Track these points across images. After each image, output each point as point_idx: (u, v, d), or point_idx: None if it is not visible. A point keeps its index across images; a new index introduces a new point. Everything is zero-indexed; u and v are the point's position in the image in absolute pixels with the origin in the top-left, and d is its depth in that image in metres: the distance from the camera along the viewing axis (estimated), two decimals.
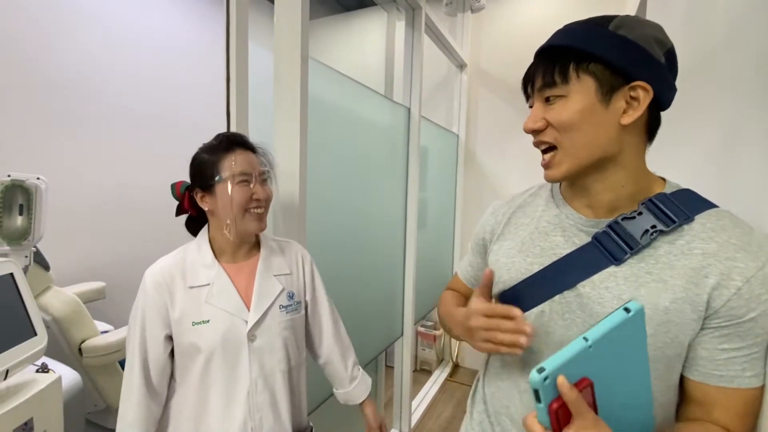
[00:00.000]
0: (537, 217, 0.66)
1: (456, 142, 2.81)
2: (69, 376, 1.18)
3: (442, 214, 2.69)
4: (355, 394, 1.02)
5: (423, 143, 2.11)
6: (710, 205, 0.54)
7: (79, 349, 1.52)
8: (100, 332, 1.62)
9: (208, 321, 0.80)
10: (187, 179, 0.87)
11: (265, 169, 0.87)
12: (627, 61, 0.50)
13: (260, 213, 0.85)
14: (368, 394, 1.03)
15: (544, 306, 0.60)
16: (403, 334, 2.13)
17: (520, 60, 0.80)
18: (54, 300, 1.51)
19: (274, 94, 1.13)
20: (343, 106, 1.47)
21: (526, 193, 0.72)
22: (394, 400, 2.27)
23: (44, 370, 0.96)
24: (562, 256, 0.59)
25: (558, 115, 0.54)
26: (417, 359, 2.98)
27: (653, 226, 0.53)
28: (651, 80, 0.51)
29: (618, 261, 0.54)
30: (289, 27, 1.10)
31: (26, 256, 1.24)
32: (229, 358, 0.81)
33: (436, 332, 2.91)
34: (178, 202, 0.89)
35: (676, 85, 0.55)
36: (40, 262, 1.50)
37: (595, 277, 0.55)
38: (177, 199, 0.89)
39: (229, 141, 0.83)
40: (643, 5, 1.74)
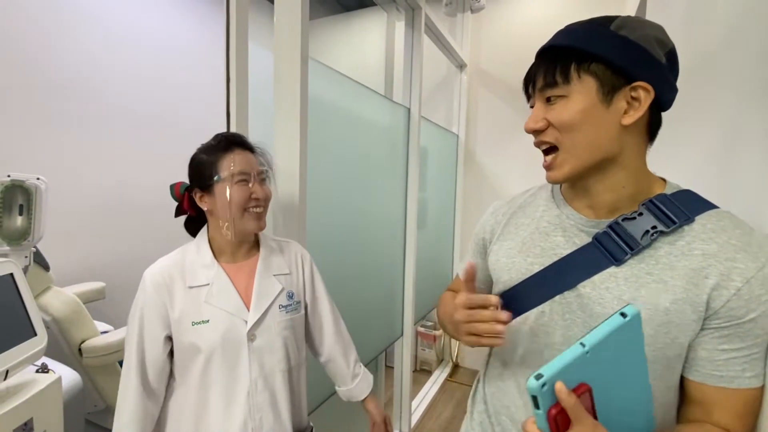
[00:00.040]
0: (537, 217, 0.66)
1: (456, 142, 2.81)
2: (69, 377, 1.18)
3: (442, 214, 2.69)
4: (358, 391, 1.02)
5: (423, 143, 2.11)
6: (710, 206, 0.54)
7: (79, 350, 1.52)
8: (100, 332, 1.62)
9: (208, 321, 0.80)
10: (187, 180, 0.87)
11: (264, 168, 0.87)
12: (628, 62, 0.51)
13: (259, 212, 0.85)
14: (371, 391, 1.04)
15: (545, 306, 0.60)
16: (403, 334, 2.13)
17: (520, 60, 0.80)
18: (54, 300, 1.51)
19: (274, 94, 1.13)
20: (343, 107, 1.46)
21: (527, 194, 0.72)
22: (394, 401, 2.27)
23: (44, 370, 0.96)
24: (562, 257, 0.59)
25: (559, 115, 0.54)
26: (417, 359, 2.98)
27: (654, 227, 0.53)
28: (652, 81, 0.51)
29: (618, 261, 0.54)
30: (289, 27, 1.10)
31: (26, 257, 1.24)
32: (229, 358, 0.81)
33: (436, 332, 2.92)
34: (177, 203, 0.89)
35: (677, 85, 0.55)
36: (40, 262, 1.50)
37: (596, 278, 0.55)
38: (176, 200, 0.89)
39: (228, 141, 0.84)
40: (643, 5, 1.74)
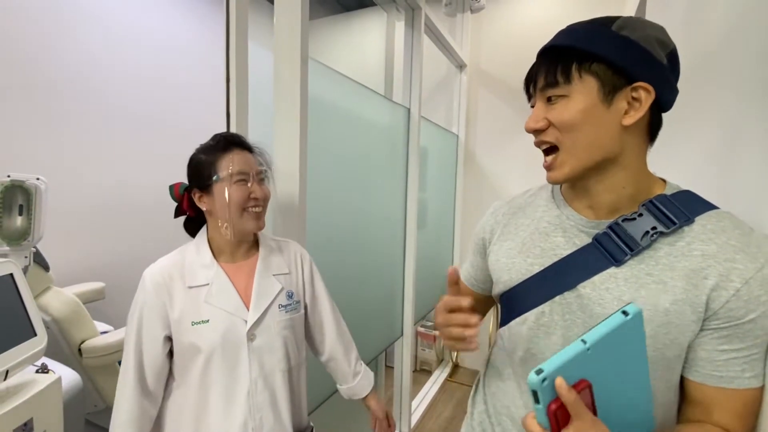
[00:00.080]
0: (537, 217, 0.66)
1: (456, 143, 2.81)
2: (69, 377, 1.18)
3: (442, 214, 2.69)
4: (359, 389, 1.02)
5: (423, 143, 2.11)
6: (710, 207, 0.54)
7: (79, 350, 1.52)
8: (100, 333, 1.62)
9: (208, 321, 0.80)
10: (187, 180, 0.87)
11: (263, 168, 0.87)
12: (629, 62, 0.51)
13: (258, 212, 0.85)
14: (372, 388, 1.04)
15: (545, 306, 0.60)
16: (402, 334, 2.13)
17: (520, 60, 0.80)
18: (54, 300, 1.50)
19: (274, 95, 1.13)
20: (343, 107, 1.46)
21: (527, 194, 0.72)
22: (394, 401, 2.27)
23: (44, 370, 0.96)
24: (562, 257, 0.59)
25: (560, 115, 0.54)
26: (417, 359, 2.98)
27: (653, 228, 0.53)
28: (653, 81, 0.51)
29: (618, 262, 0.54)
30: (289, 27, 1.10)
31: (26, 257, 1.24)
32: (229, 358, 0.81)
33: (436, 332, 2.90)
34: (176, 204, 0.89)
35: (677, 84, 0.55)
36: (40, 262, 1.50)
37: (596, 278, 0.55)
38: (176, 201, 0.89)
39: (226, 141, 0.84)
40: (643, 5, 1.74)
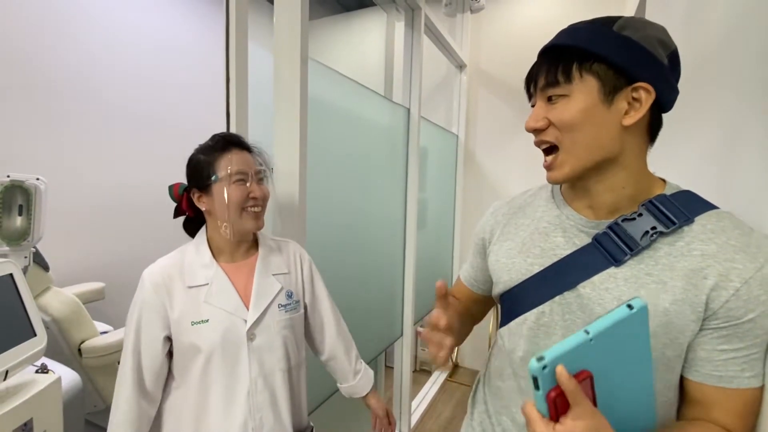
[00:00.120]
0: (537, 217, 0.66)
1: (455, 143, 2.81)
2: (68, 377, 1.18)
3: (442, 214, 2.69)
4: (360, 387, 1.03)
5: (422, 144, 2.11)
6: (710, 207, 0.54)
7: (79, 350, 1.52)
8: (100, 333, 1.61)
9: (207, 320, 0.80)
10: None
11: (261, 168, 0.87)
12: (630, 62, 0.51)
13: (257, 212, 0.85)
14: (372, 386, 1.05)
15: (545, 306, 0.60)
16: (402, 335, 2.13)
17: (520, 60, 0.80)
18: (53, 300, 1.50)
19: (274, 95, 1.13)
20: (343, 107, 1.46)
21: (527, 194, 0.72)
22: (393, 401, 2.27)
23: (44, 370, 0.96)
24: (562, 257, 0.59)
25: (560, 115, 0.54)
26: (417, 359, 2.98)
27: (653, 228, 0.53)
28: (653, 81, 0.51)
29: (618, 262, 0.54)
30: (288, 27, 1.10)
31: (26, 257, 1.24)
32: (229, 358, 0.81)
33: None
34: (176, 204, 0.89)
35: (677, 85, 0.55)
36: (40, 262, 1.50)
37: (596, 278, 0.55)
38: (175, 201, 0.89)
39: (225, 141, 0.84)
40: (642, 5, 1.74)
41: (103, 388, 1.59)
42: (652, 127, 0.55)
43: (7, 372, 0.82)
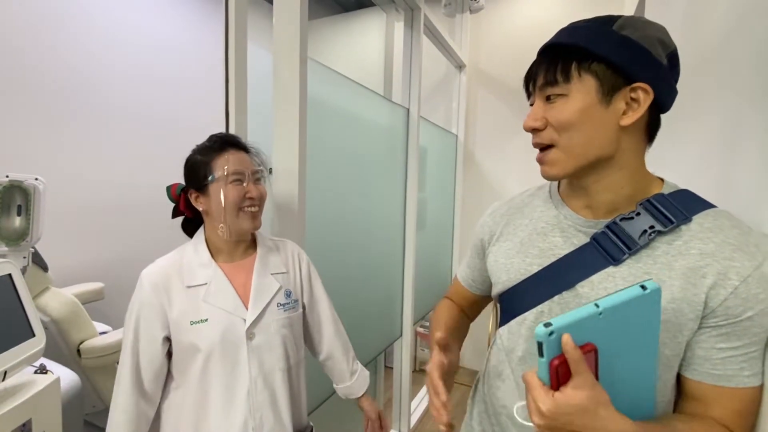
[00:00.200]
0: (535, 217, 0.66)
1: (455, 143, 2.81)
2: (67, 377, 1.18)
3: (441, 214, 2.69)
4: (356, 388, 1.03)
5: (422, 144, 2.11)
6: (708, 206, 0.54)
7: (78, 350, 1.52)
8: (99, 333, 1.61)
9: (207, 320, 0.80)
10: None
11: (259, 168, 0.88)
12: (629, 62, 0.50)
13: (254, 212, 0.85)
14: (367, 388, 1.05)
15: (544, 306, 0.60)
16: (402, 335, 2.13)
17: (519, 60, 0.80)
18: (52, 301, 1.50)
19: (273, 95, 1.13)
20: (342, 107, 1.46)
21: (525, 194, 0.72)
22: (393, 401, 2.27)
23: (42, 371, 0.96)
24: (560, 257, 0.59)
25: (558, 114, 0.54)
26: (416, 360, 2.98)
27: (651, 227, 0.53)
28: (652, 82, 0.50)
29: (616, 261, 0.54)
30: (288, 27, 1.10)
31: (24, 257, 1.24)
32: (228, 357, 0.81)
33: None
34: (174, 204, 0.90)
35: (677, 85, 0.55)
36: (39, 262, 1.50)
37: (594, 278, 0.55)
38: (173, 201, 0.89)
39: (222, 141, 0.84)
40: (642, 5, 1.74)
41: (102, 389, 1.59)
42: (651, 127, 0.55)
43: (5, 372, 0.81)
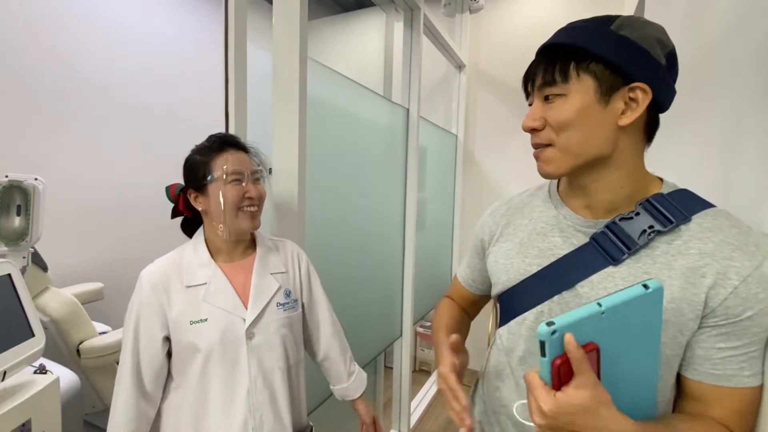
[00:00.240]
0: (535, 218, 0.66)
1: (455, 143, 2.81)
2: (67, 378, 1.18)
3: (441, 214, 2.69)
4: (353, 389, 1.03)
5: (422, 143, 2.11)
6: (707, 205, 0.54)
7: (77, 350, 1.52)
8: (99, 333, 1.61)
9: (206, 320, 0.80)
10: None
11: (258, 168, 0.88)
12: (627, 62, 0.50)
13: (253, 211, 0.85)
14: (364, 390, 1.04)
15: (543, 306, 0.60)
16: (402, 335, 2.13)
17: (519, 60, 0.80)
18: (52, 301, 1.50)
19: (273, 95, 1.13)
20: (342, 107, 1.46)
21: (524, 194, 0.73)
22: (393, 401, 2.27)
23: (42, 371, 0.96)
24: (560, 257, 0.59)
25: (557, 115, 0.54)
26: (416, 360, 2.98)
27: (651, 227, 0.53)
28: (650, 82, 0.50)
29: (616, 261, 0.54)
30: (287, 27, 1.10)
31: (24, 257, 1.24)
32: (228, 357, 0.81)
33: None
34: (173, 205, 0.90)
35: (676, 85, 0.55)
36: (38, 262, 1.50)
37: (594, 278, 0.55)
38: (172, 202, 0.89)
39: (221, 141, 0.84)
40: (641, 5, 1.75)
41: (101, 389, 1.59)
42: (649, 127, 0.55)
43: (5, 372, 0.81)
